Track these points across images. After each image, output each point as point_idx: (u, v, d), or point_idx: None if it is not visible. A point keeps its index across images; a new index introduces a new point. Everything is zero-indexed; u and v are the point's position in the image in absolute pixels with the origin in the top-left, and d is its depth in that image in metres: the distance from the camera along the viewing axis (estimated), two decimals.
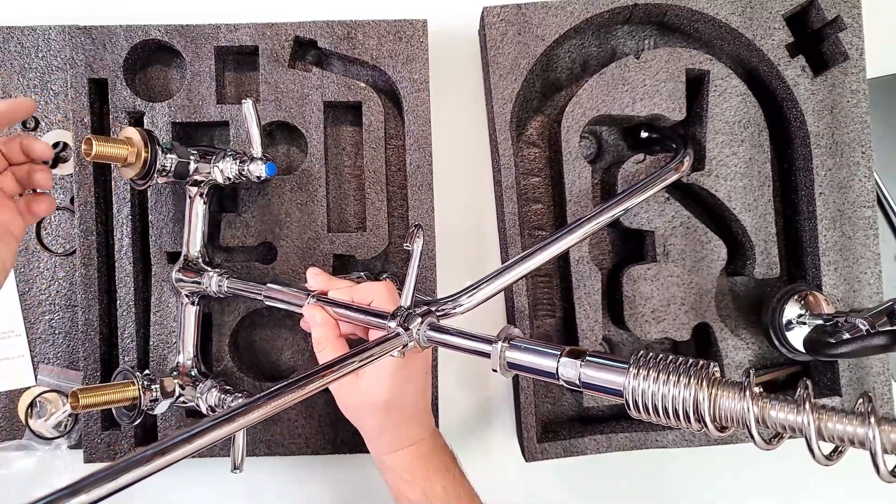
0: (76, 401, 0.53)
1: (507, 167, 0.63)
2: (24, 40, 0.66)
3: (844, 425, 0.31)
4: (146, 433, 0.65)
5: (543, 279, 0.68)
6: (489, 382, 0.69)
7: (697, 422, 0.34)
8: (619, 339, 0.68)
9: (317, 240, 0.64)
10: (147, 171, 0.54)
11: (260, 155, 0.58)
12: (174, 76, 0.67)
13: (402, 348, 0.46)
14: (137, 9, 0.69)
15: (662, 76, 0.63)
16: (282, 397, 0.37)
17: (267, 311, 0.66)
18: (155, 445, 0.31)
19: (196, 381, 0.60)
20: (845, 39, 0.62)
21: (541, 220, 0.69)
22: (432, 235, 0.64)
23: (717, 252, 0.64)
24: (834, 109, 0.63)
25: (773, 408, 0.32)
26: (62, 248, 0.67)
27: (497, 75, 0.63)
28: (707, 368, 0.35)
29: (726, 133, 0.63)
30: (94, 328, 0.63)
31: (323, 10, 0.67)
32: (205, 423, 0.34)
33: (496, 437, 0.69)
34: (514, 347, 0.42)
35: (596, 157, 0.69)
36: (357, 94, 0.64)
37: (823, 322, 0.58)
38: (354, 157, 0.68)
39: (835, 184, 0.62)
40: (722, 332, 0.64)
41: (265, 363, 0.68)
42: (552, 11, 0.62)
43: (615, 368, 0.37)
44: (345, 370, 0.41)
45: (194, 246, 0.61)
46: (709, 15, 0.62)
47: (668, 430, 0.63)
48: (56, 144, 0.67)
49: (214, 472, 0.67)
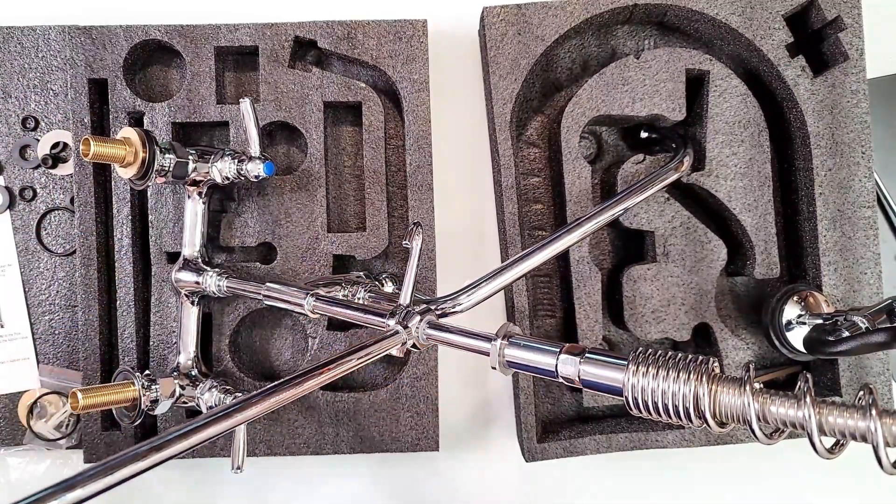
0: (76, 401, 0.53)
1: (507, 167, 0.63)
2: (24, 40, 0.66)
3: (846, 419, 0.30)
4: (146, 433, 0.64)
5: (543, 279, 0.68)
6: (489, 382, 0.69)
7: (698, 418, 0.34)
8: (619, 340, 0.68)
9: (317, 240, 0.64)
10: (145, 171, 0.54)
11: (258, 154, 0.58)
12: (174, 76, 0.67)
13: (401, 346, 0.46)
14: (137, 9, 0.69)
15: (662, 76, 0.63)
16: (279, 394, 0.37)
17: (267, 311, 0.66)
18: (150, 441, 0.31)
19: (196, 382, 0.60)
20: (845, 39, 0.62)
21: (541, 220, 0.69)
22: (432, 235, 0.64)
23: (717, 252, 0.64)
24: (834, 109, 0.62)
25: (773, 403, 0.32)
26: (62, 248, 0.67)
27: (497, 75, 0.63)
28: (707, 364, 0.35)
29: (726, 133, 0.63)
30: (94, 328, 0.63)
31: (323, 10, 0.67)
32: (200, 420, 0.33)
33: (496, 437, 0.69)
34: (513, 345, 0.41)
35: (596, 157, 0.69)
36: (357, 94, 0.64)
37: (823, 321, 0.58)
38: (354, 157, 0.68)
39: (835, 184, 0.62)
40: (722, 333, 0.64)
41: (265, 363, 0.68)
42: (552, 11, 0.62)
43: (614, 365, 0.37)
44: (343, 368, 0.41)
45: (194, 246, 0.61)
46: (709, 15, 0.62)
47: (669, 430, 0.63)
48: (56, 144, 0.67)
49: (215, 473, 0.67)
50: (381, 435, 0.63)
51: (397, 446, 0.63)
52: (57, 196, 0.67)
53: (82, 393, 0.53)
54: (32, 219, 0.67)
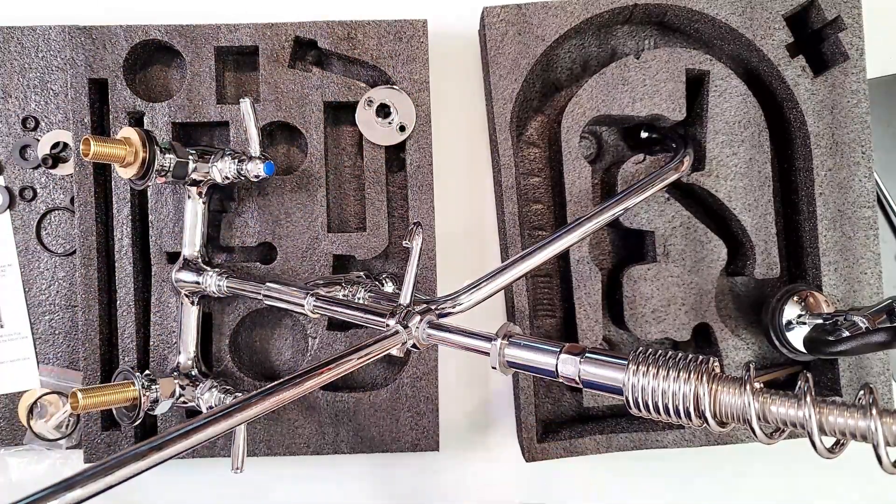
0: (76, 401, 0.53)
1: (507, 167, 0.63)
2: (24, 40, 0.66)
3: (846, 418, 0.30)
4: (146, 433, 0.64)
5: (543, 279, 0.68)
6: (489, 382, 0.69)
7: (698, 417, 0.34)
8: (619, 340, 0.68)
9: (317, 240, 0.64)
10: (145, 171, 0.54)
11: (258, 154, 0.58)
12: (174, 76, 0.67)
13: (401, 346, 0.46)
14: (137, 9, 0.69)
15: (662, 76, 0.63)
16: (279, 394, 0.37)
17: (267, 311, 0.66)
18: (150, 441, 0.31)
19: (196, 382, 0.60)
20: (845, 39, 0.62)
21: (541, 220, 0.69)
22: (432, 235, 0.64)
23: (717, 252, 0.64)
24: (834, 109, 0.62)
25: (774, 402, 0.32)
26: (62, 248, 0.67)
27: (497, 75, 0.63)
28: (707, 364, 0.35)
29: (726, 133, 0.63)
30: (94, 328, 0.63)
31: (323, 10, 0.67)
32: (200, 420, 0.33)
33: (496, 437, 0.69)
34: (513, 345, 0.41)
35: (596, 157, 0.69)
36: (357, 94, 0.64)
37: (823, 321, 0.58)
38: (354, 157, 0.68)
39: (835, 184, 0.62)
40: (722, 333, 0.64)
41: (265, 363, 0.68)
42: (552, 11, 0.62)
43: (615, 365, 0.37)
44: (343, 368, 0.41)
45: (194, 246, 0.61)
46: (709, 15, 0.62)
47: (669, 430, 0.63)
48: (56, 144, 0.67)
49: (215, 473, 0.67)
50: (381, 435, 0.63)
51: (397, 446, 0.63)
52: (57, 196, 0.67)
53: (82, 393, 0.53)
54: (32, 219, 0.67)
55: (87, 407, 0.53)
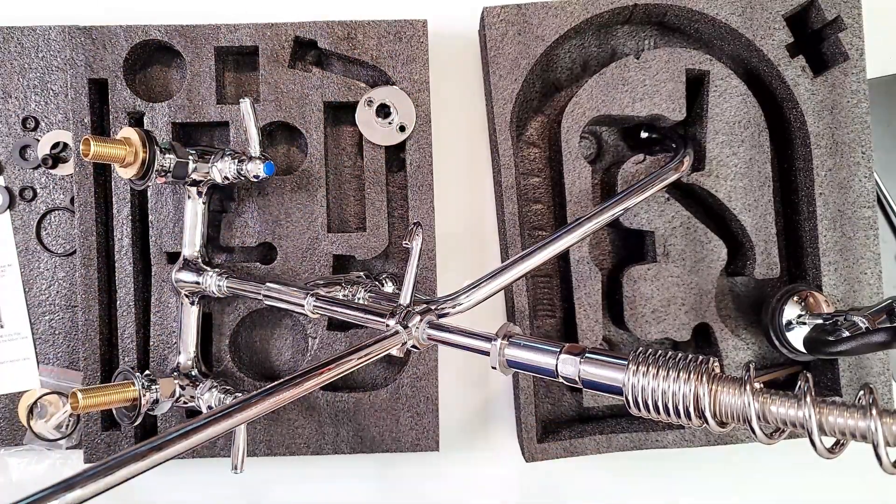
0: (76, 401, 0.53)
1: (507, 167, 0.63)
2: (24, 40, 0.66)
3: (846, 419, 0.30)
4: (146, 434, 0.64)
5: (543, 279, 0.68)
6: (489, 382, 0.69)
7: (698, 417, 0.34)
8: (619, 340, 0.68)
9: (317, 240, 0.64)
10: (145, 171, 0.54)
11: (258, 154, 0.58)
12: (174, 76, 0.67)
13: (401, 346, 0.46)
14: (137, 9, 0.69)
15: (662, 76, 0.63)
16: (279, 394, 0.37)
17: (267, 311, 0.66)
18: (150, 441, 0.31)
19: (196, 382, 0.60)
20: (845, 39, 0.62)
21: (541, 220, 0.69)
22: (432, 235, 0.64)
23: (717, 252, 0.64)
24: (834, 109, 0.62)
25: (774, 402, 0.32)
26: (62, 248, 0.67)
27: (497, 75, 0.63)
28: (707, 364, 0.35)
29: (726, 133, 0.63)
30: (94, 329, 0.63)
31: (323, 10, 0.67)
32: (200, 420, 0.33)
33: (496, 437, 0.69)
34: (513, 345, 0.41)
35: (596, 158, 0.69)
36: (357, 94, 0.64)
37: (823, 321, 0.58)
38: (354, 157, 0.68)
39: (835, 184, 0.62)
40: (722, 333, 0.64)
41: (265, 363, 0.68)
42: (552, 11, 0.62)
43: (615, 365, 0.37)
44: (343, 368, 0.41)
45: (194, 246, 0.61)
46: (709, 15, 0.62)
47: (669, 430, 0.63)
48: (56, 144, 0.67)
49: (215, 473, 0.67)
50: (381, 435, 0.63)
51: (397, 446, 0.63)
52: (57, 196, 0.67)
53: (82, 393, 0.53)
54: (32, 219, 0.67)
55: (87, 407, 0.53)
